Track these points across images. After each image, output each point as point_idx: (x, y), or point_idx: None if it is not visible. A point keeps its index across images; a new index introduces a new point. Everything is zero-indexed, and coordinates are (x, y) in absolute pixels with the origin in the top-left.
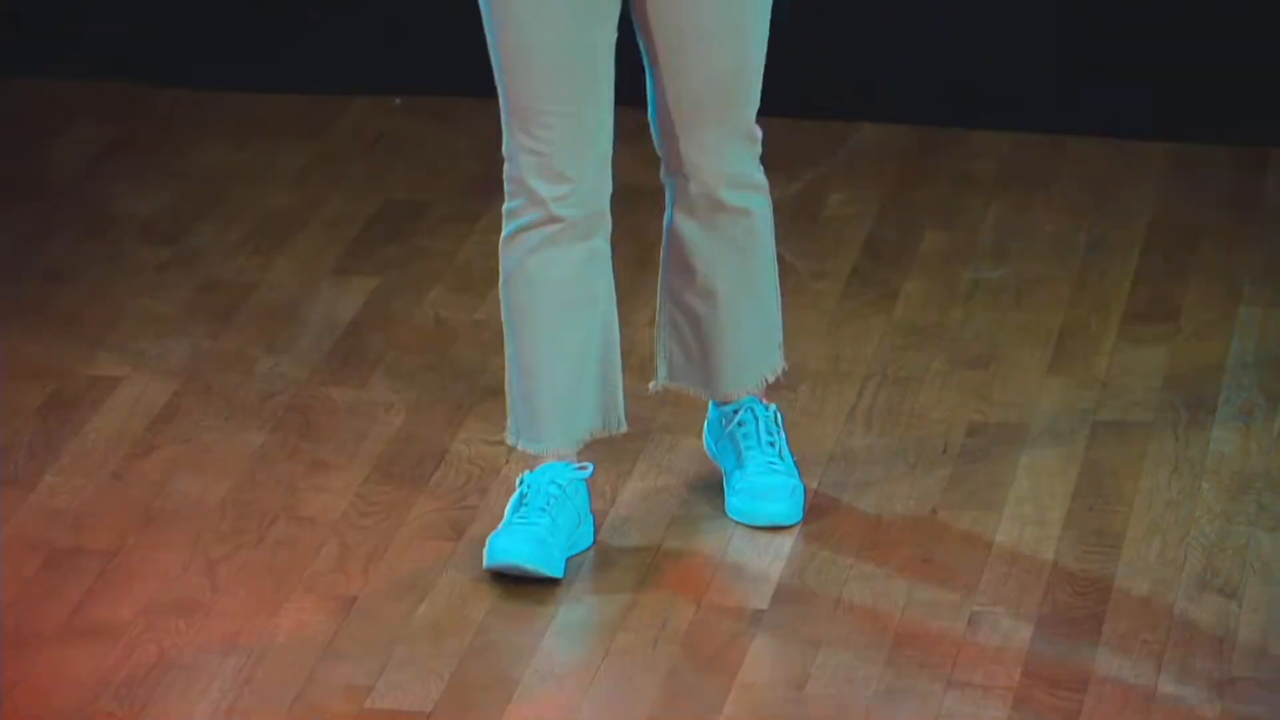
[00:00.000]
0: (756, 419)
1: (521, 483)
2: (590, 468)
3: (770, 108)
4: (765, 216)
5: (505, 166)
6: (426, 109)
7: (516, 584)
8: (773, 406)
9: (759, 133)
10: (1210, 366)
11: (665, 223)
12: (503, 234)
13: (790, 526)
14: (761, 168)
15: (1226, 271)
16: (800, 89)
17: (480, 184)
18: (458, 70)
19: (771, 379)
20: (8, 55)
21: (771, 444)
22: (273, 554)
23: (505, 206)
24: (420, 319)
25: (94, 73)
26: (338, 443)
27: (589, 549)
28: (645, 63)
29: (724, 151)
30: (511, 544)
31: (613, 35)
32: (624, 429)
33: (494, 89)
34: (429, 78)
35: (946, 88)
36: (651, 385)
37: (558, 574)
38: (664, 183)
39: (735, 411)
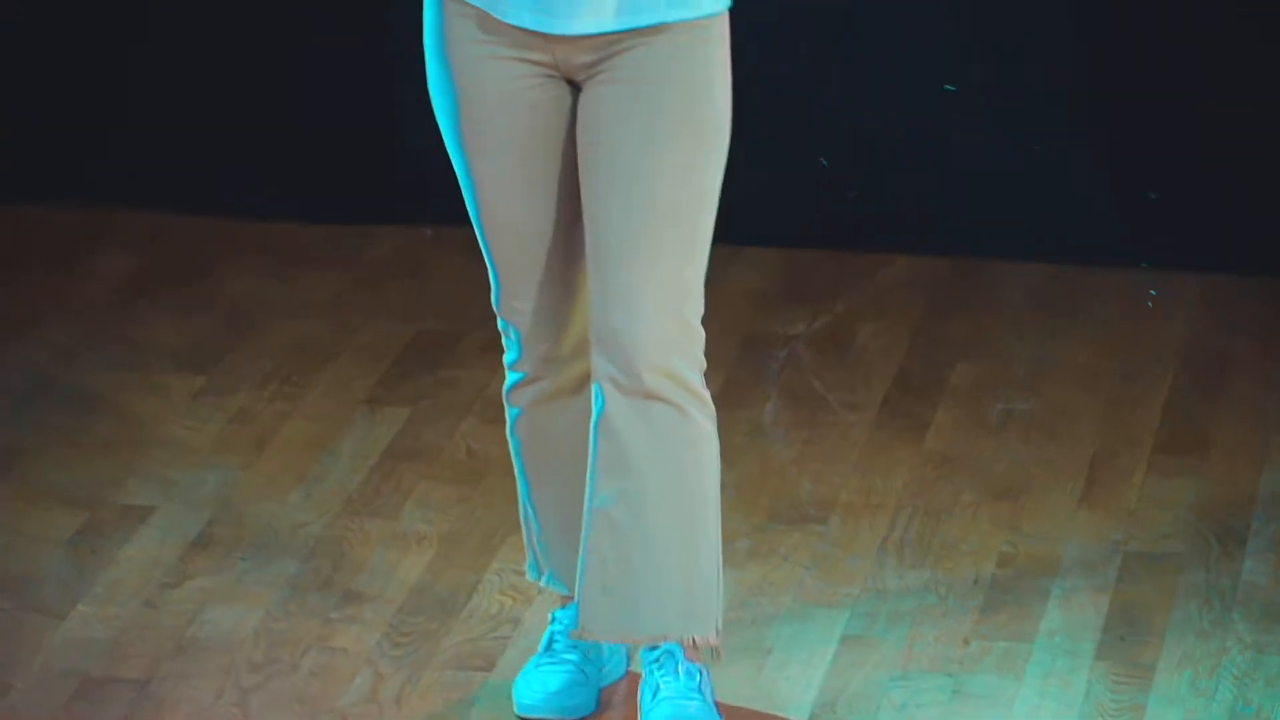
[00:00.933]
0: (677, 663)
1: (553, 619)
2: None
3: (801, 240)
4: (706, 434)
5: (498, 320)
6: (458, 240)
7: None
8: (703, 668)
9: (700, 332)
10: (1241, 497)
11: (594, 420)
12: (505, 384)
13: None
14: (704, 380)
15: (1257, 402)
16: (831, 222)
17: None
18: None
19: (698, 640)
20: (39, 182)
21: (691, 676)
22: (305, 684)
23: (505, 358)
24: (452, 450)
25: (126, 200)
26: (370, 573)
27: (622, 678)
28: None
29: (648, 330)
30: (540, 693)
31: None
32: None
33: None
34: (460, 209)
35: (977, 219)
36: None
37: (588, 713)
38: (593, 372)
39: (655, 658)
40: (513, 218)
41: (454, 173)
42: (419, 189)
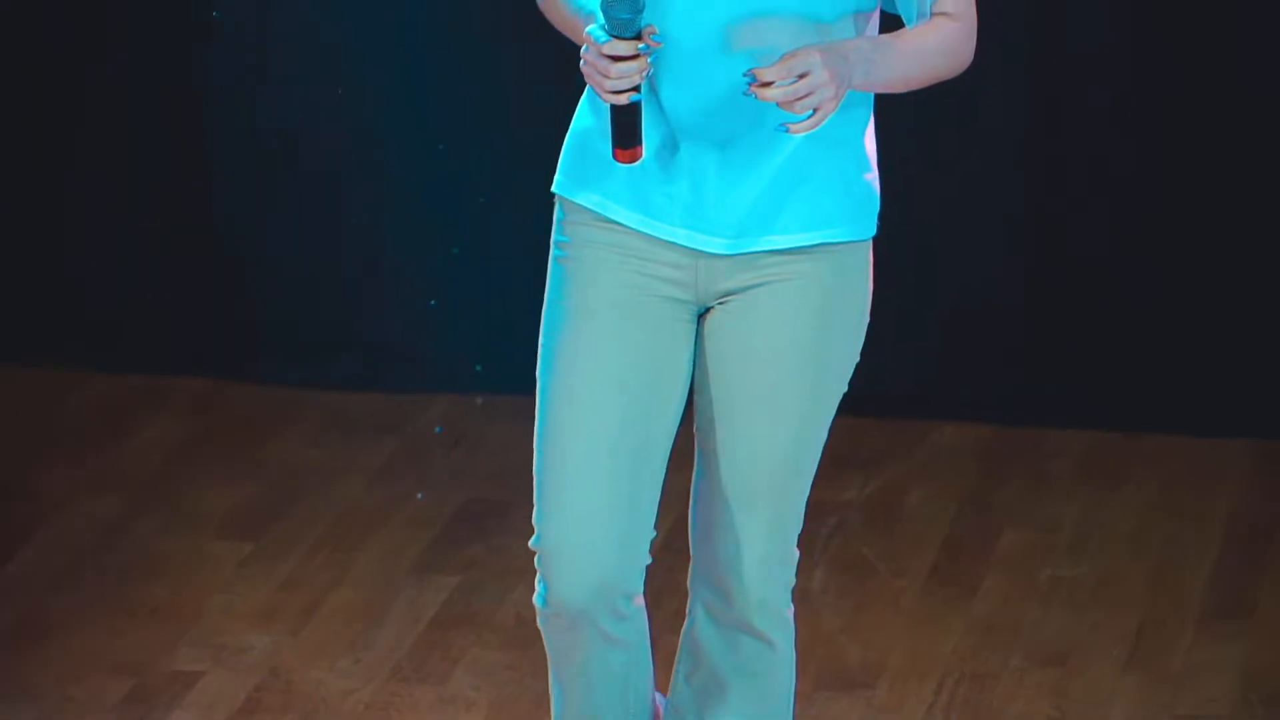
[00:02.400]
0: None
1: None
2: None
3: (850, 408)
4: (786, 657)
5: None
6: (508, 408)
7: None
8: None
9: (796, 555)
10: None
11: (684, 631)
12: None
13: None
14: (791, 601)
15: None
16: (880, 389)
17: None
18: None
19: None
20: (88, 350)
21: None
22: None
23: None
24: (501, 617)
25: (174, 368)
26: None
27: None
28: (697, 449)
29: (757, 563)
30: None
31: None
32: None
33: None
34: (510, 377)
35: (1024, 387)
36: None
37: None
38: (689, 589)
39: None
40: (581, 444)
41: (504, 343)
42: (466, 357)
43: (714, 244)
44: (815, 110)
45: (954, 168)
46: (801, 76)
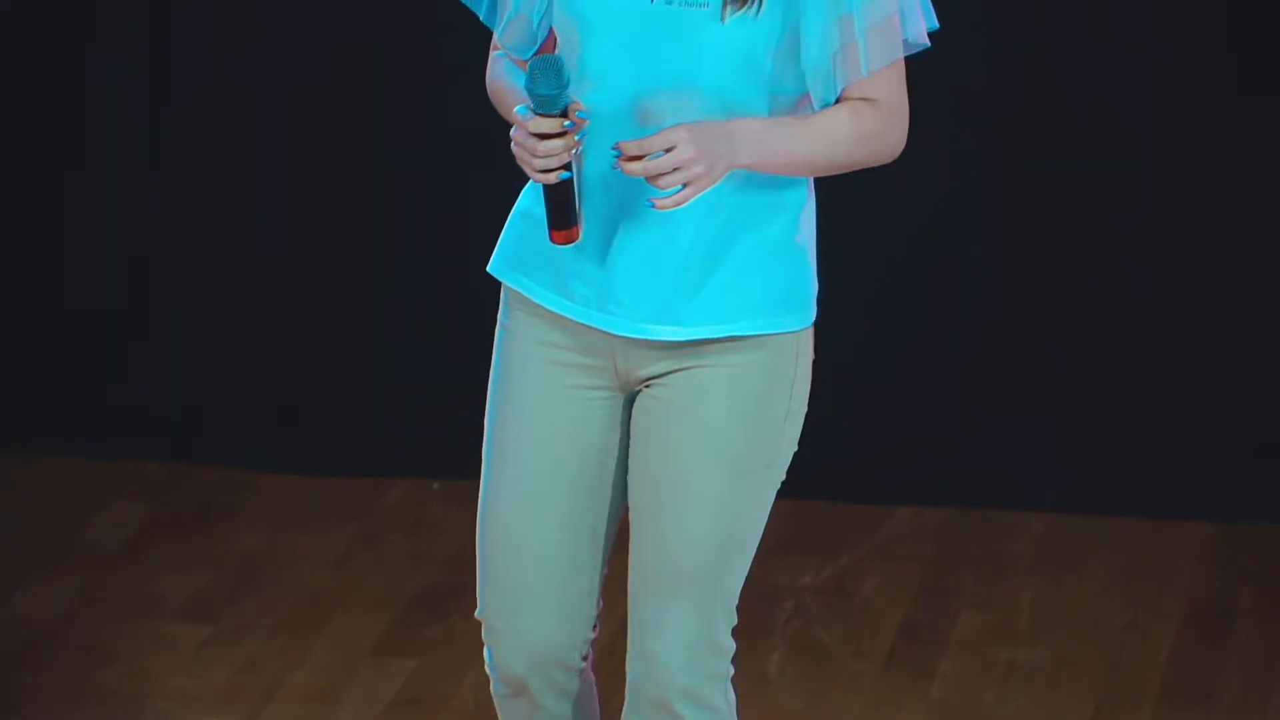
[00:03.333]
0: None
1: None
2: None
3: (807, 491)
4: None
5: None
6: (464, 492)
7: None
8: None
9: (729, 647)
10: None
11: (624, 710)
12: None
13: None
14: (727, 693)
15: (1262, 652)
16: (836, 473)
17: None
18: None
19: None
20: (46, 434)
21: None
22: None
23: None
24: (459, 701)
25: (133, 452)
26: None
27: None
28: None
29: (679, 649)
30: None
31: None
32: None
33: None
34: (466, 462)
35: (981, 470)
36: None
37: None
38: (627, 669)
39: None
40: (512, 532)
41: (457, 426)
42: (425, 442)
43: (625, 327)
44: (686, 185)
45: (908, 227)
46: (667, 151)
